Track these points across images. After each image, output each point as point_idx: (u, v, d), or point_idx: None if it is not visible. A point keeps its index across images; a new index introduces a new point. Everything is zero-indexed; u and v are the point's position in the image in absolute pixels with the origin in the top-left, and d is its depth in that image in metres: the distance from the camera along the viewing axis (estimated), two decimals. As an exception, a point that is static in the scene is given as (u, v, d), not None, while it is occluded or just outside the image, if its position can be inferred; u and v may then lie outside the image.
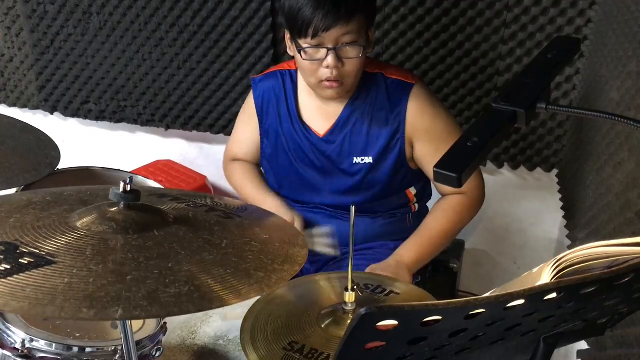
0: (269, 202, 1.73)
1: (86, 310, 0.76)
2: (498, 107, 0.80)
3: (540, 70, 0.83)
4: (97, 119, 2.60)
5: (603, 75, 1.70)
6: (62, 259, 0.85)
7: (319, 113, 1.67)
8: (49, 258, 0.84)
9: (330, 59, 1.48)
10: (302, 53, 1.51)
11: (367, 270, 1.56)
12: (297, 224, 1.68)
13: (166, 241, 0.90)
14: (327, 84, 1.53)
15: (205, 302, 0.80)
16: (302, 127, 1.68)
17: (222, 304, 0.82)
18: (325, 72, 1.51)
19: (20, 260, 0.84)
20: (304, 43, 1.49)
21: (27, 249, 0.87)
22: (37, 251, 0.86)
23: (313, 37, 1.47)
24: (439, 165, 0.76)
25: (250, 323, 1.14)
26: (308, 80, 1.58)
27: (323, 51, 1.49)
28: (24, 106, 2.70)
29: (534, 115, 0.80)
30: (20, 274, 0.81)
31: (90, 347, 1.21)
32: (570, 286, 0.65)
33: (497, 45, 2.07)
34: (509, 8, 2.01)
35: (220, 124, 2.47)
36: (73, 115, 2.64)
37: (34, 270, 0.82)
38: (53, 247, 0.88)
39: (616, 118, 0.74)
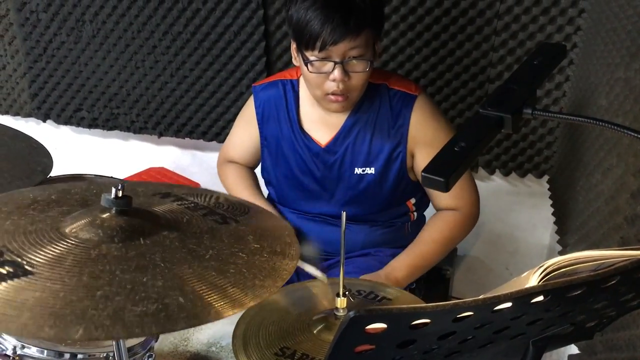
0: None
1: (48, 329, 0.75)
2: (485, 112, 0.81)
3: (527, 76, 0.84)
4: (89, 126, 2.60)
5: (592, 82, 1.71)
6: (41, 270, 0.84)
7: (321, 123, 1.67)
8: (28, 268, 0.84)
9: (336, 73, 1.48)
10: (308, 65, 1.50)
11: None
12: None
13: (149, 251, 0.90)
14: (332, 97, 1.53)
15: (169, 323, 0.79)
16: (303, 136, 1.68)
17: (186, 325, 0.80)
18: (331, 85, 1.51)
19: (0, 270, 0.84)
20: (310, 55, 1.48)
21: (10, 257, 0.87)
22: (19, 259, 0.86)
23: (320, 50, 1.46)
24: (427, 169, 0.77)
25: (242, 329, 1.14)
26: (313, 92, 1.58)
27: (330, 64, 1.48)
28: (16, 114, 2.70)
29: (520, 120, 0.81)
30: None
31: (81, 353, 1.21)
32: (556, 289, 0.66)
33: (488, 53, 2.08)
34: (499, 16, 2.03)
35: (213, 132, 2.47)
36: (65, 123, 2.64)
37: (9, 281, 0.81)
38: (36, 256, 0.87)
39: (601, 123, 0.75)
